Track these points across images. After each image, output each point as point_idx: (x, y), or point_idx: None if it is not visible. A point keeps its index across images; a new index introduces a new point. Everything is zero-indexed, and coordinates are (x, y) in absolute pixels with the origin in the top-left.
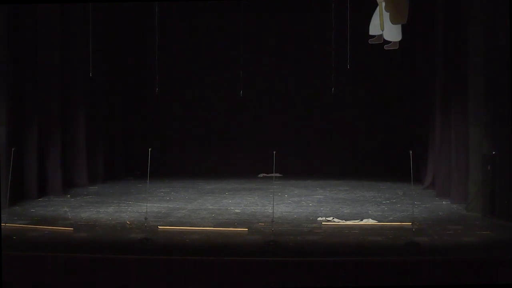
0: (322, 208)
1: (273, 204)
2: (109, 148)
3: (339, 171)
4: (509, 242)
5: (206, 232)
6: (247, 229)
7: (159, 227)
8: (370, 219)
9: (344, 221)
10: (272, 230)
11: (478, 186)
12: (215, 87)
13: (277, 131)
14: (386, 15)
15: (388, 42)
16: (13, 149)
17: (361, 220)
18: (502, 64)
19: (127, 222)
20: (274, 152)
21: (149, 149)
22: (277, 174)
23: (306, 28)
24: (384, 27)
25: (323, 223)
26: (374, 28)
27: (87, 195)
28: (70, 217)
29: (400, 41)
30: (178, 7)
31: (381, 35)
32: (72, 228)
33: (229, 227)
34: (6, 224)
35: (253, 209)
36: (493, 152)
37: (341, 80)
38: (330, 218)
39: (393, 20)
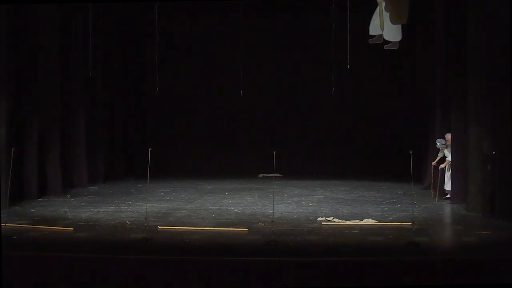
0: (322, 208)
1: (273, 204)
2: (109, 148)
3: (339, 171)
4: (509, 242)
5: (206, 232)
6: (247, 229)
7: (159, 227)
8: (370, 219)
9: (344, 221)
10: (272, 230)
11: (478, 186)
12: (216, 87)
13: (277, 131)
14: (386, 15)
15: (388, 42)
16: (13, 149)
17: (361, 220)
18: (502, 64)
19: (127, 222)
20: (274, 152)
21: (149, 149)
22: (277, 174)
23: (306, 29)
24: (384, 27)
25: (323, 223)
26: (374, 28)
27: (87, 195)
28: (70, 217)
29: (400, 41)
30: (178, 8)
31: (381, 35)
32: (72, 228)
33: (229, 227)
34: (6, 224)
35: (253, 209)
36: (493, 152)
37: (341, 80)
38: (330, 218)
39: (393, 20)
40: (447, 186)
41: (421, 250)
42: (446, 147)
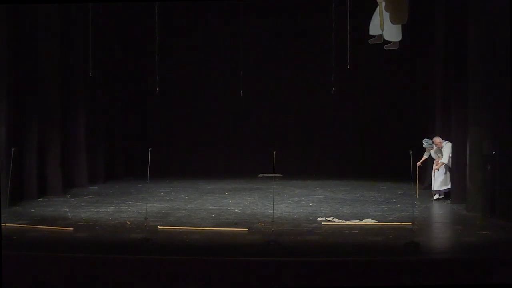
0: (322, 208)
1: (273, 204)
2: (109, 148)
3: (339, 171)
4: (509, 242)
5: (206, 232)
6: (247, 229)
7: (159, 227)
8: (370, 219)
9: (344, 221)
10: (272, 230)
11: (478, 186)
12: (215, 87)
13: (277, 131)
14: (386, 15)
15: (388, 42)
16: (13, 149)
17: (361, 220)
18: (502, 64)
19: (127, 222)
20: (274, 152)
21: (149, 149)
22: (277, 174)
23: (306, 28)
24: (384, 27)
25: (323, 223)
26: (374, 28)
27: (87, 195)
28: (70, 217)
29: (400, 41)
30: (178, 7)
31: (381, 35)
32: (72, 228)
33: (229, 227)
34: (6, 224)
35: (253, 209)
36: (493, 152)
37: (341, 80)
38: (330, 218)
39: (393, 20)
40: (435, 187)
41: (421, 250)
42: (432, 148)
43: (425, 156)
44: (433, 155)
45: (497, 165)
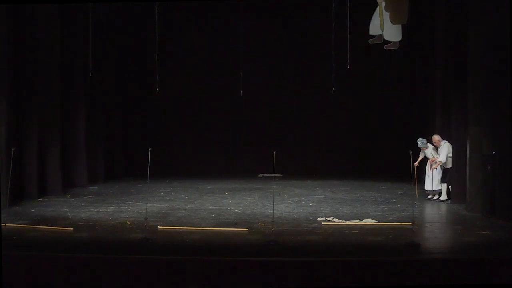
0: (322, 208)
1: (273, 204)
2: (109, 148)
3: (339, 171)
4: (509, 242)
5: (206, 232)
6: (247, 229)
7: (159, 227)
8: (370, 219)
9: (344, 221)
10: (272, 230)
11: (478, 186)
12: (215, 87)
13: (277, 131)
14: (386, 15)
15: (388, 42)
16: (13, 149)
17: (361, 220)
18: (502, 64)
19: (127, 222)
20: (274, 152)
21: (149, 149)
22: (277, 174)
23: (306, 28)
24: (384, 27)
25: (323, 223)
26: (374, 28)
27: (87, 195)
28: (70, 217)
29: (400, 41)
30: (178, 7)
31: (381, 35)
32: (72, 228)
33: (229, 227)
34: (6, 224)
35: (253, 209)
36: (493, 152)
37: (341, 80)
38: (330, 218)
39: (393, 20)
40: (428, 186)
41: (421, 250)
42: (427, 148)
43: (421, 156)
44: (427, 155)
45: (497, 165)
